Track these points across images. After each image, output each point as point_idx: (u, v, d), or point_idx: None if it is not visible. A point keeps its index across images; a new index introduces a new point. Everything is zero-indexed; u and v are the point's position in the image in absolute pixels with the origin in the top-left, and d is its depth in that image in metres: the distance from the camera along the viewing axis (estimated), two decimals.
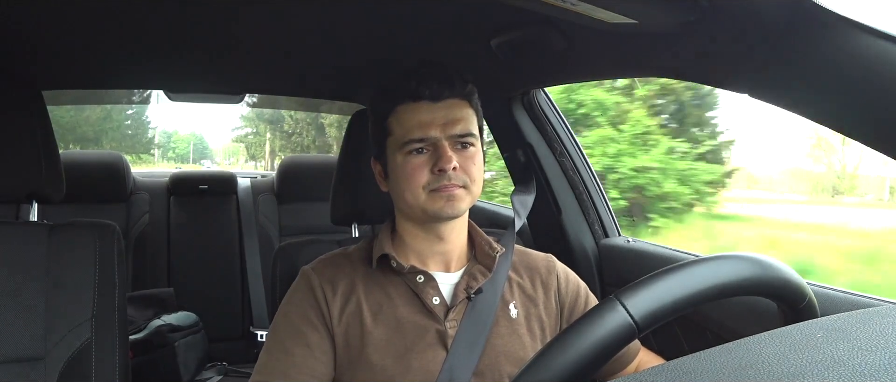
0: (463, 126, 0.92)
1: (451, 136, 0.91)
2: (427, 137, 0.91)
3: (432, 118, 0.91)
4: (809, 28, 0.74)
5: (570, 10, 0.86)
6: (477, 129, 0.96)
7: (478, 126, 0.97)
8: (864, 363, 0.39)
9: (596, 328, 0.53)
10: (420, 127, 0.91)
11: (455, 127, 0.92)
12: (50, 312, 1.13)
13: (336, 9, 1.16)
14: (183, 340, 2.24)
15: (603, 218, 1.66)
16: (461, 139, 0.92)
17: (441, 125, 0.91)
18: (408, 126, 0.92)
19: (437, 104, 0.92)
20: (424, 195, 0.90)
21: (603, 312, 0.54)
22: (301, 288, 0.96)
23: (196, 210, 2.76)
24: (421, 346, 0.90)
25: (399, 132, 0.93)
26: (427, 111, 0.92)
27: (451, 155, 0.89)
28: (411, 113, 0.92)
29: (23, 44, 1.36)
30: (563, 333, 0.54)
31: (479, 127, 0.98)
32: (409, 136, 0.91)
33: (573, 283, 1.05)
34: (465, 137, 0.93)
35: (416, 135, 0.91)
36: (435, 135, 0.91)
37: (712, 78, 0.94)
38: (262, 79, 2.00)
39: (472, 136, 0.94)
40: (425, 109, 0.92)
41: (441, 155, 0.89)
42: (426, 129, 0.91)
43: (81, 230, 1.21)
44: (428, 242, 0.97)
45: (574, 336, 0.53)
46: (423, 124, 0.91)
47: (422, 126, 0.91)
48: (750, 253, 0.61)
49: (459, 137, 0.92)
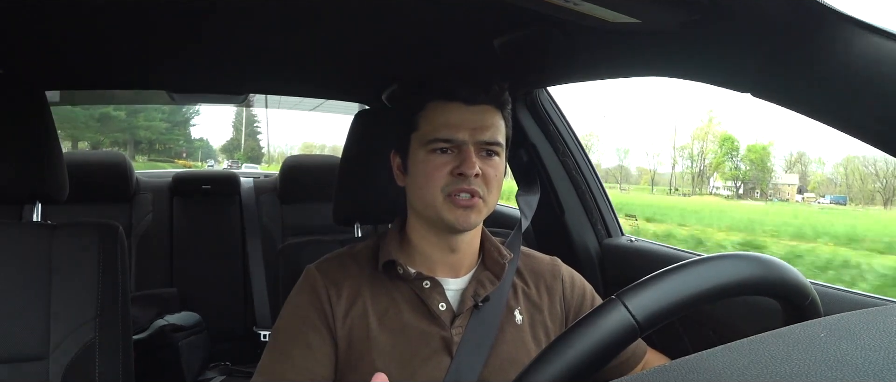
0: (491, 133, 0.91)
1: (478, 142, 0.90)
2: (454, 139, 0.90)
3: (463, 120, 0.90)
4: (812, 27, 0.73)
5: (572, 10, 0.86)
6: (504, 139, 0.95)
7: (507, 136, 0.96)
8: (867, 362, 0.39)
9: (598, 328, 0.53)
10: (448, 127, 0.90)
11: (484, 133, 0.91)
12: (53, 312, 1.14)
13: (339, 9, 1.16)
14: (186, 340, 2.24)
15: (606, 217, 1.66)
16: (487, 146, 0.91)
17: (470, 129, 0.90)
18: (436, 124, 0.91)
19: (470, 107, 0.92)
20: (441, 198, 0.89)
21: (605, 312, 0.54)
22: (304, 288, 0.95)
23: (199, 210, 2.76)
24: (426, 353, 0.89)
25: (426, 128, 0.92)
26: (458, 112, 0.91)
27: (474, 160, 0.88)
28: (442, 111, 0.92)
29: (25, 44, 1.36)
30: (565, 333, 0.54)
31: (508, 138, 0.96)
32: (435, 135, 0.90)
33: (578, 287, 1.04)
34: (492, 145, 0.91)
35: (444, 134, 0.90)
36: (462, 138, 0.90)
37: (715, 77, 0.94)
38: (265, 79, 2.00)
39: (499, 146, 0.92)
40: (457, 110, 0.91)
41: (465, 158, 0.88)
42: (455, 131, 0.90)
43: (84, 230, 1.21)
44: (439, 249, 0.95)
45: (576, 337, 0.53)
46: (452, 125, 0.90)
47: (451, 126, 0.90)
48: (753, 253, 0.61)
49: (486, 144, 0.91)
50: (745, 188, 27.02)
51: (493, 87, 0.93)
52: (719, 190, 27.15)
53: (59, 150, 1.28)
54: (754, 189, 26.63)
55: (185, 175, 2.89)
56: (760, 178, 28.37)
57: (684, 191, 27.61)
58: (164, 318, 2.24)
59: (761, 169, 29.03)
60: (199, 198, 2.78)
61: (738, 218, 11.84)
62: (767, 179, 28.24)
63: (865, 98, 0.71)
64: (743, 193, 24.99)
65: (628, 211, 9.43)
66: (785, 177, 28.52)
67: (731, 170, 29.25)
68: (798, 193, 25.68)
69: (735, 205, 18.08)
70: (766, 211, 12.08)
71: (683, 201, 15.36)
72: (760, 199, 19.38)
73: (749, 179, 28.52)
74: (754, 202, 17.31)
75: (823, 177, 28.27)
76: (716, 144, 30.59)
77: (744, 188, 27.09)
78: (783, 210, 14.36)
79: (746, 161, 29.75)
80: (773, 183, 27.83)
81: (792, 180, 27.99)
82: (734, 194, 25.40)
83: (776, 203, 19.12)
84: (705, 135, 31.62)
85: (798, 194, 25.07)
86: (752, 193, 24.86)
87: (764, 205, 15.36)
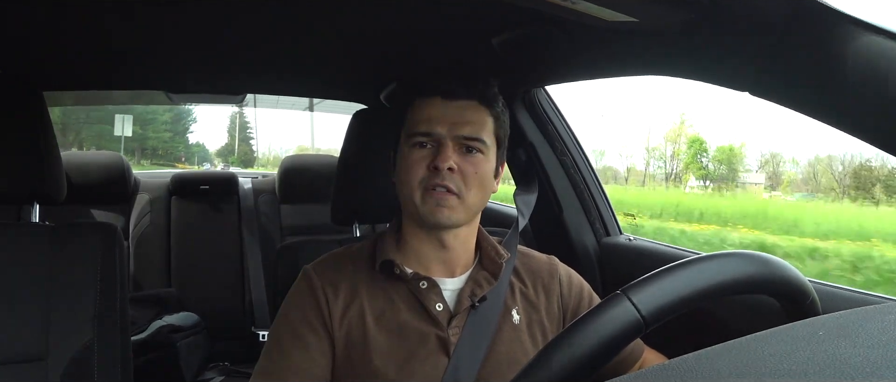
0: (472, 129, 0.91)
1: (456, 136, 0.90)
2: (432, 132, 0.90)
3: (441, 114, 0.91)
4: (811, 26, 0.73)
5: (571, 9, 0.86)
6: (492, 137, 0.94)
7: (497, 135, 0.95)
8: (866, 360, 0.39)
9: (603, 322, 0.53)
10: (427, 121, 0.91)
11: (463, 128, 0.90)
12: (52, 313, 1.14)
13: (337, 9, 1.16)
14: (185, 341, 2.24)
15: (604, 216, 1.66)
16: (468, 141, 0.90)
17: (449, 123, 0.90)
18: (416, 119, 0.92)
19: (451, 102, 0.92)
20: (419, 192, 0.90)
21: (610, 307, 0.54)
22: (302, 289, 0.95)
23: (197, 210, 2.76)
24: (423, 353, 0.89)
25: (409, 124, 0.93)
26: (438, 107, 0.91)
27: (449, 154, 0.88)
28: (423, 107, 0.92)
29: (24, 44, 1.36)
30: (570, 327, 0.54)
31: (499, 137, 0.96)
32: (415, 129, 0.91)
33: (576, 287, 1.04)
34: (473, 141, 0.91)
35: (421, 128, 0.91)
36: (439, 132, 0.90)
37: (713, 76, 0.94)
38: (263, 80, 2.00)
39: (481, 142, 0.91)
40: (436, 105, 0.92)
41: (440, 152, 0.88)
42: (432, 125, 0.90)
43: (83, 231, 1.21)
44: (431, 247, 0.95)
45: (581, 330, 0.53)
46: (429, 119, 0.91)
47: (429, 120, 0.91)
48: (756, 253, 0.61)
49: (466, 139, 0.90)
50: (714, 187, 28.35)
51: (473, 83, 0.93)
52: (694, 188, 28.66)
53: (58, 151, 1.28)
54: (722, 187, 27.90)
55: (183, 175, 2.89)
56: (727, 177, 29.73)
57: (654, 188, 29.21)
58: (162, 319, 2.24)
59: (729, 168, 30.47)
60: (197, 199, 2.78)
61: (693, 206, 13.02)
62: (735, 178, 29.57)
63: (863, 96, 0.71)
64: (711, 191, 26.18)
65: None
66: (752, 176, 29.92)
67: (700, 169, 30.75)
68: (765, 191, 26.87)
69: (695, 198, 19.25)
70: (716, 204, 13.17)
71: (650, 196, 16.79)
72: (729, 196, 20.34)
73: (716, 178, 29.87)
74: (722, 198, 18.29)
75: (795, 175, 29.90)
76: (685, 145, 32.40)
77: (712, 187, 28.48)
78: (735, 203, 15.25)
79: (714, 161, 31.27)
80: (740, 181, 29.13)
81: (759, 179, 29.32)
82: (705, 192, 26.65)
83: (740, 197, 20.08)
84: (677, 137, 32.95)
85: (765, 192, 26.14)
86: (722, 191, 26.14)
87: (727, 200, 16.23)
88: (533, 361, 0.53)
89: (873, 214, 9.95)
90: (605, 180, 1.77)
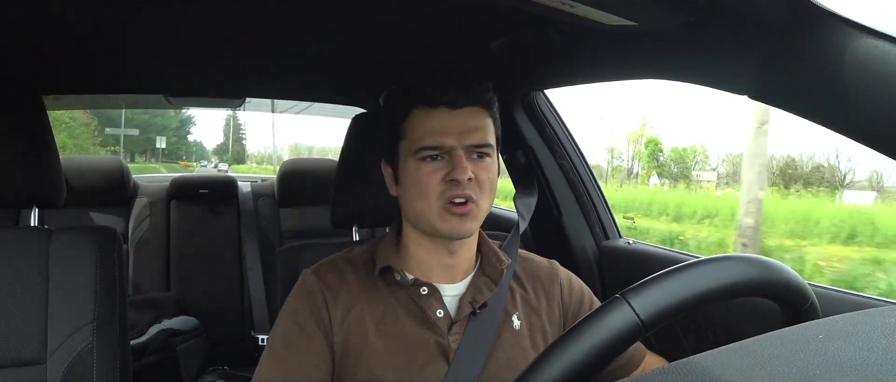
0: (480, 135, 0.89)
1: (467, 146, 0.88)
2: (442, 145, 0.87)
3: (449, 125, 0.88)
4: (810, 29, 0.74)
5: (569, 12, 0.86)
6: (494, 139, 0.93)
7: (497, 135, 0.94)
8: (865, 363, 0.39)
9: (602, 326, 0.53)
10: (435, 133, 0.88)
11: (473, 136, 0.88)
12: (51, 317, 1.13)
13: (336, 12, 1.16)
14: (184, 344, 2.24)
15: (603, 219, 1.66)
16: (477, 149, 0.89)
17: (458, 133, 0.88)
18: (423, 131, 0.89)
19: (455, 111, 0.89)
20: (437, 208, 0.87)
21: (609, 311, 0.54)
22: (301, 293, 0.94)
23: (197, 214, 2.76)
24: (423, 359, 0.89)
25: (413, 137, 0.90)
26: (444, 117, 0.88)
27: (466, 165, 0.86)
28: (427, 118, 0.89)
29: (23, 48, 1.36)
30: (568, 331, 0.54)
31: (498, 136, 0.95)
32: (422, 143, 0.88)
33: (577, 291, 1.03)
34: (482, 147, 0.89)
35: (431, 141, 0.87)
36: (450, 144, 0.87)
37: (712, 80, 0.94)
38: (263, 83, 2.00)
39: (489, 147, 0.90)
40: (442, 116, 0.89)
41: (456, 164, 0.86)
42: (441, 137, 0.87)
43: (82, 235, 1.21)
44: (435, 255, 0.94)
45: (579, 335, 0.53)
46: (438, 131, 0.88)
47: (437, 133, 0.88)
48: (755, 256, 0.61)
49: (476, 147, 0.89)
50: (670, 184, 31.23)
51: (475, 88, 0.91)
52: (657, 185, 31.53)
53: (57, 155, 1.28)
54: (677, 184, 30.85)
55: (182, 179, 2.89)
56: (681, 175, 33.73)
57: (616, 184, 32.29)
58: (161, 322, 2.24)
59: (682, 167, 34.89)
60: (196, 203, 2.78)
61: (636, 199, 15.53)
62: (689, 176, 33.54)
63: (860, 99, 0.71)
64: (667, 188, 28.72)
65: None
66: (704, 174, 34.05)
67: (656, 167, 34.42)
68: (717, 187, 29.42)
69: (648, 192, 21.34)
70: (658, 198, 15.51)
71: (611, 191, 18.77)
72: (684, 191, 22.32)
73: (670, 175, 33.59)
74: (676, 193, 20.08)
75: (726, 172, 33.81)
76: (643, 146, 36.12)
77: (668, 184, 31.35)
78: (687, 197, 17.12)
79: (669, 160, 35.34)
80: (695, 179, 32.62)
81: (710, 177, 33.22)
82: (661, 188, 29.21)
83: (693, 193, 21.74)
84: (638, 138, 36.37)
85: (717, 189, 28.37)
86: (677, 187, 28.86)
87: (678, 195, 17.86)
88: (531, 365, 0.52)
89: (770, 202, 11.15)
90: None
